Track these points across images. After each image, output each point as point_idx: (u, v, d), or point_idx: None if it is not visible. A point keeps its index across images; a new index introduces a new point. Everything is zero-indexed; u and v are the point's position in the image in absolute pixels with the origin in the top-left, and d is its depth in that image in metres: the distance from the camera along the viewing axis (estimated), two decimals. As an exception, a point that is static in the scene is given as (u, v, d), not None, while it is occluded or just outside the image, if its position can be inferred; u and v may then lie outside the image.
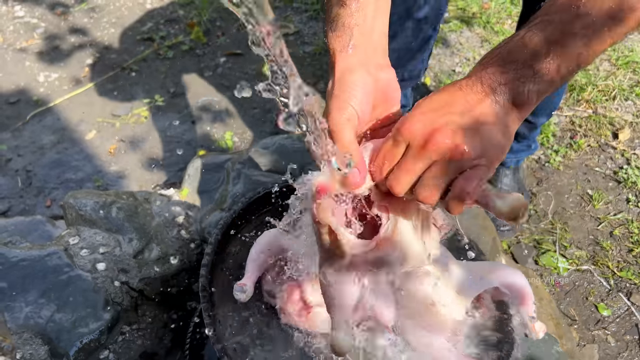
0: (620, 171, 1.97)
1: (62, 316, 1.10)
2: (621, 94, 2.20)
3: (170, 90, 2.41)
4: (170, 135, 2.22)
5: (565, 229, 1.83)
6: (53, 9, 2.87)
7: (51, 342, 1.06)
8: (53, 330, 1.07)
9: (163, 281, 1.26)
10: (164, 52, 2.60)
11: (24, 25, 2.77)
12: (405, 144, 0.64)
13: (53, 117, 2.29)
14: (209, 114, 2.30)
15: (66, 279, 1.15)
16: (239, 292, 0.88)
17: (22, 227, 1.58)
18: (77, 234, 1.26)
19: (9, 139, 2.19)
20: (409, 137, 0.63)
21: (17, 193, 2.00)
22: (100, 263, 1.21)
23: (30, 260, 1.17)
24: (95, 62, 2.56)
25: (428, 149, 0.61)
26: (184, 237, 1.34)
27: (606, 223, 1.83)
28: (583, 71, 2.30)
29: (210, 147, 2.16)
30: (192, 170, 1.62)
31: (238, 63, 2.54)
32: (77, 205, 1.31)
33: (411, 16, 1.67)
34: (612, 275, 1.71)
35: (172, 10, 2.86)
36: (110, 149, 2.16)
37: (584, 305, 1.65)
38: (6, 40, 2.68)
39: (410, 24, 1.70)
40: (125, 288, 1.21)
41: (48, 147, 2.16)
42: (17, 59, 2.57)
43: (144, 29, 2.74)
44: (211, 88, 2.42)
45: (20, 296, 1.10)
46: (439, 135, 0.60)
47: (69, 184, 2.03)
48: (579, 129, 2.12)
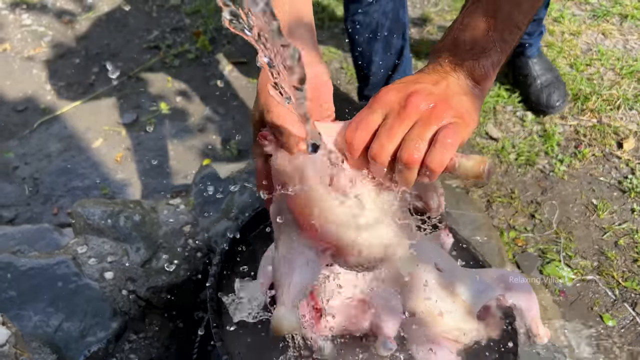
0: (625, 181, 1.97)
1: (70, 325, 1.11)
2: (625, 104, 2.21)
3: (176, 98, 2.43)
4: (176, 143, 2.23)
5: (570, 238, 1.83)
6: (60, 17, 2.90)
7: (59, 351, 1.07)
8: (61, 339, 1.08)
9: (170, 290, 1.27)
10: (170, 60, 2.62)
11: (31, 33, 2.80)
12: (382, 112, 0.67)
13: (60, 125, 2.30)
14: (215, 122, 2.32)
15: (74, 288, 1.16)
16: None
17: (30, 235, 1.59)
18: (85, 243, 1.27)
19: (16, 147, 2.21)
20: (386, 105, 0.66)
21: (24, 201, 2.02)
22: (108, 272, 1.22)
23: (38, 269, 1.18)
24: (102, 71, 2.58)
25: (407, 111, 0.64)
26: (190, 246, 1.34)
27: (611, 233, 1.83)
28: (587, 80, 2.31)
29: (216, 156, 2.17)
30: (198, 179, 1.63)
31: (244, 72, 2.56)
32: (85, 214, 1.32)
33: (377, 36, 1.80)
34: (617, 285, 1.71)
35: (179, 19, 2.88)
36: (117, 157, 2.17)
37: (589, 316, 1.65)
38: (14, 49, 2.70)
39: (379, 44, 1.82)
40: (133, 297, 1.22)
41: (55, 154, 2.18)
42: (24, 67, 2.59)
43: (150, 38, 2.76)
44: (217, 97, 2.43)
45: (29, 305, 1.11)
46: (416, 98, 0.65)
47: (76, 191, 2.04)
48: (584, 138, 2.13)
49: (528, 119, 2.22)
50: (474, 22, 0.69)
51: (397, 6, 1.80)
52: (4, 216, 1.95)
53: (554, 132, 2.14)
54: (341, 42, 2.65)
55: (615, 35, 2.54)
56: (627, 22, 2.59)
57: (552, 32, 2.57)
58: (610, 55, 2.42)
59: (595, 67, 2.39)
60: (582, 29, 2.58)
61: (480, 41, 0.68)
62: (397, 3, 1.80)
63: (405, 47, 1.91)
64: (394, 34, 1.84)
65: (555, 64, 2.39)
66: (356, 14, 1.80)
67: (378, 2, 1.75)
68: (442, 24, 2.72)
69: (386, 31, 1.81)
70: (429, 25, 2.71)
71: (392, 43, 1.86)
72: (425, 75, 0.70)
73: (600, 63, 2.40)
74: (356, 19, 1.81)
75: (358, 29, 1.82)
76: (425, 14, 2.77)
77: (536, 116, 2.22)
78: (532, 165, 2.05)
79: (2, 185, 2.07)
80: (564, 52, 2.47)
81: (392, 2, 1.78)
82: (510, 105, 2.27)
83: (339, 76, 2.50)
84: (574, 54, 2.46)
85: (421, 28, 2.70)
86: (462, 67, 0.68)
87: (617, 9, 2.66)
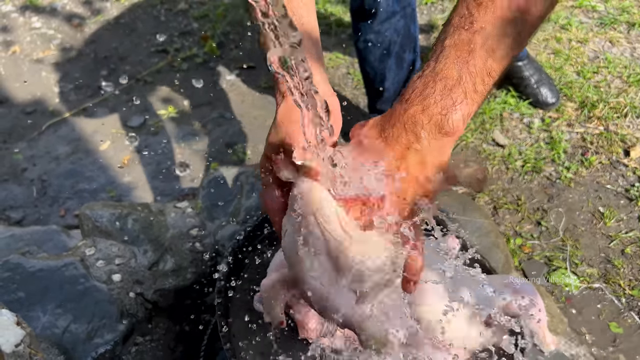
0: (632, 189, 1.97)
1: (78, 327, 1.11)
2: (633, 111, 2.21)
3: (184, 102, 2.44)
4: (184, 147, 2.24)
5: (576, 246, 1.82)
6: (69, 20, 2.92)
7: (67, 352, 1.07)
8: (69, 340, 1.09)
9: (177, 293, 1.28)
10: (178, 64, 2.63)
11: (40, 36, 2.82)
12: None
13: (68, 128, 2.32)
14: (222, 126, 2.33)
15: (82, 290, 1.17)
16: (259, 303, 0.89)
17: (38, 236, 1.60)
18: (93, 245, 1.28)
19: (24, 149, 2.22)
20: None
21: (31, 202, 2.03)
22: (115, 274, 1.23)
23: (47, 271, 1.18)
24: (110, 74, 2.60)
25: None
26: (198, 249, 1.35)
27: (618, 241, 1.83)
28: (594, 88, 2.31)
29: (224, 159, 2.18)
30: (205, 183, 1.64)
31: (251, 76, 2.57)
32: (93, 216, 1.32)
33: (389, 53, 1.81)
34: (623, 294, 1.71)
35: (187, 23, 2.90)
36: (124, 160, 2.19)
37: (596, 324, 1.65)
38: (23, 51, 2.73)
39: (392, 60, 1.83)
40: (140, 299, 1.23)
41: (63, 157, 2.19)
42: (33, 70, 2.62)
43: (158, 41, 2.78)
44: (224, 101, 2.45)
45: (37, 306, 1.12)
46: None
47: (83, 194, 2.06)
48: (590, 145, 2.12)
49: (535, 125, 2.22)
50: (445, 71, 0.65)
51: (407, 22, 1.80)
52: (12, 217, 1.97)
53: (561, 139, 2.14)
54: (348, 48, 2.66)
55: (622, 43, 2.54)
56: (635, 30, 2.59)
57: (560, 40, 2.57)
58: (618, 63, 2.42)
59: (603, 74, 2.39)
60: (589, 36, 2.58)
61: (451, 93, 0.64)
62: (408, 19, 1.80)
63: (416, 59, 1.92)
64: (405, 50, 1.85)
65: (563, 72, 2.39)
66: (368, 33, 1.80)
67: (389, 20, 1.76)
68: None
69: (398, 47, 1.82)
70: (435, 32, 2.71)
71: (404, 58, 1.87)
72: (389, 150, 0.67)
73: (608, 71, 2.40)
74: (368, 38, 1.81)
75: (370, 47, 1.83)
76: (432, 20, 2.78)
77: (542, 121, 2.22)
78: (538, 172, 2.05)
79: (10, 186, 2.09)
80: (571, 59, 2.47)
81: (404, 19, 1.79)
82: (517, 112, 2.28)
83: (345, 82, 2.51)
84: (581, 62, 2.46)
85: (428, 34, 2.71)
86: (430, 124, 0.65)
87: (625, 17, 2.66)
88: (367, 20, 1.78)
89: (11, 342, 0.63)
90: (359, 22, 1.82)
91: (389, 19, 1.76)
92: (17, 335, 0.65)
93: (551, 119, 2.24)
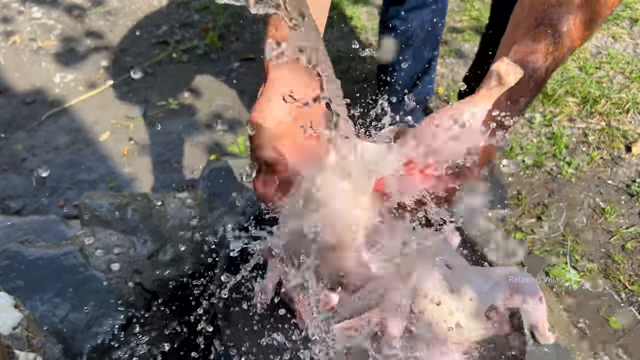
0: (632, 184, 1.96)
1: (76, 315, 1.11)
2: (635, 107, 2.20)
3: (184, 94, 2.43)
4: (183, 138, 2.23)
5: (576, 241, 1.82)
6: (70, 11, 2.91)
7: (65, 341, 1.07)
8: (68, 329, 1.08)
9: (176, 283, 1.27)
10: (179, 56, 2.62)
11: (41, 26, 2.81)
12: None
13: (68, 118, 2.31)
14: (222, 118, 2.32)
15: (81, 279, 1.16)
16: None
17: (37, 226, 1.59)
18: (92, 235, 1.27)
19: (24, 139, 2.22)
20: None
21: (31, 192, 2.02)
22: (114, 264, 1.22)
23: (46, 260, 1.18)
24: (110, 65, 2.59)
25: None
26: (197, 239, 1.34)
27: (618, 236, 1.82)
28: (596, 83, 2.30)
29: (223, 151, 2.17)
30: (206, 174, 1.63)
31: (252, 68, 2.56)
32: (93, 206, 1.32)
33: (410, 46, 1.76)
34: (623, 289, 1.70)
35: (188, 15, 2.88)
36: (124, 151, 2.18)
37: (595, 319, 1.65)
38: (23, 41, 2.71)
39: (410, 51, 1.79)
40: (139, 289, 1.22)
41: (62, 147, 2.18)
42: (33, 60, 2.60)
43: (159, 33, 2.77)
44: (225, 92, 2.44)
45: (36, 295, 1.11)
46: None
47: (83, 184, 2.05)
48: (592, 141, 2.12)
49: (536, 121, 2.21)
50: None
51: (435, 18, 1.76)
52: (12, 207, 1.96)
53: (562, 134, 2.13)
54: (349, 42, 2.64)
55: (625, 38, 2.53)
56: (637, 26, 2.58)
57: (562, 35, 2.56)
58: (620, 59, 2.41)
59: (605, 70, 2.38)
60: (592, 32, 2.57)
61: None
62: (436, 15, 1.76)
63: (434, 59, 1.88)
64: (426, 46, 1.80)
65: (565, 67, 2.38)
66: (394, 17, 1.76)
67: (419, 9, 1.71)
68: (452, 25, 2.72)
69: (419, 42, 1.77)
70: (456, 34, 2.70)
71: (423, 54, 1.82)
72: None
73: (610, 66, 2.39)
74: (394, 23, 1.77)
75: (392, 33, 1.79)
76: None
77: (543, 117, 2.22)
78: (539, 167, 2.04)
79: (10, 176, 2.08)
80: (574, 55, 2.46)
81: (432, 13, 1.74)
82: (519, 106, 2.27)
83: (347, 77, 2.50)
84: (583, 57, 2.45)
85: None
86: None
87: (627, 12, 2.65)
88: (397, 4, 1.74)
89: (8, 324, 0.63)
90: (389, 5, 1.78)
91: (419, 9, 1.72)
92: (15, 318, 0.64)
93: (552, 114, 2.23)
